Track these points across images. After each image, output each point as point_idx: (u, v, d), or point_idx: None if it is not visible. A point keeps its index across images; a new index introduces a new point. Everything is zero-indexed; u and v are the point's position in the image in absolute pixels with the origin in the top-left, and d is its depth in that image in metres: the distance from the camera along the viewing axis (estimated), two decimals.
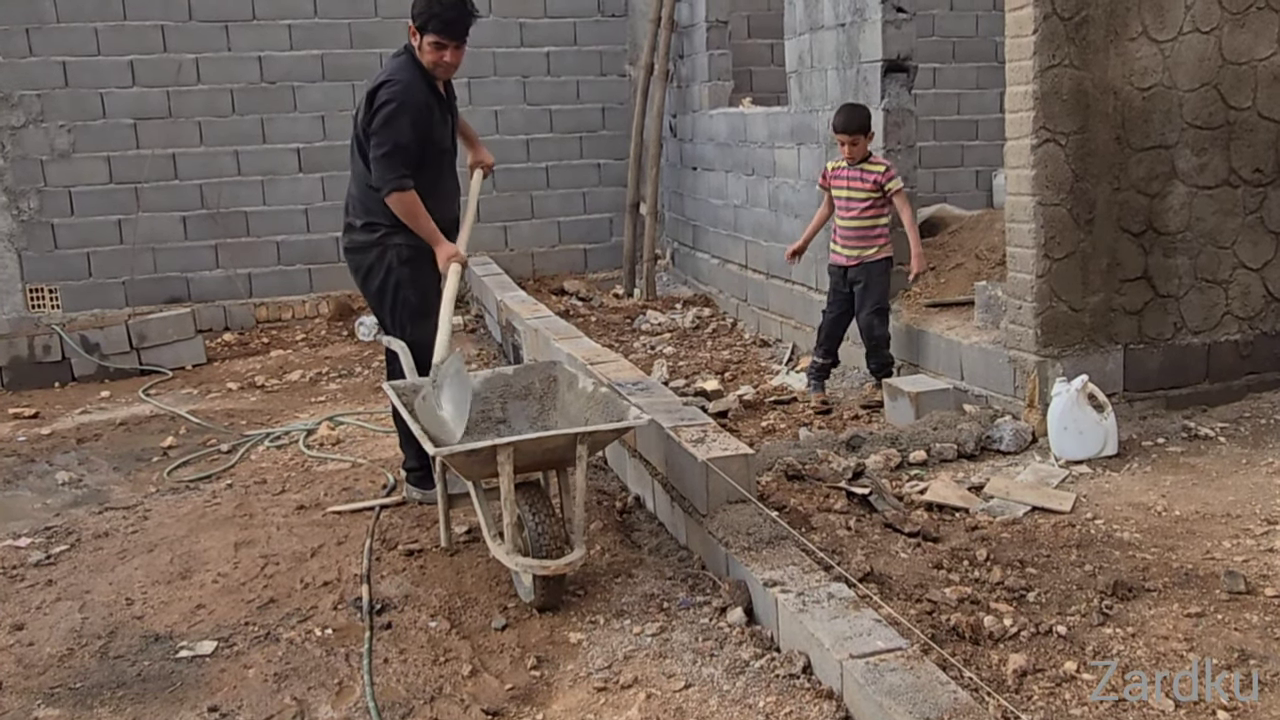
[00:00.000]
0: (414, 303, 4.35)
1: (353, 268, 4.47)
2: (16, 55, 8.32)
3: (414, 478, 4.54)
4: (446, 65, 4.27)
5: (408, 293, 4.35)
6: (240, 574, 3.95)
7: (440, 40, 4.18)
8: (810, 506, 4.06)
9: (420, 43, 4.21)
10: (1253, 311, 5.13)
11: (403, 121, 4.15)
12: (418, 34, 4.21)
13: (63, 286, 8.63)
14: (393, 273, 4.33)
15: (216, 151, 8.82)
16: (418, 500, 4.51)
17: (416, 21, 4.19)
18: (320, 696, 3.15)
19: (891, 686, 2.66)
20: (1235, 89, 4.92)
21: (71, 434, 6.11)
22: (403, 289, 4.35)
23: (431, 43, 4.19)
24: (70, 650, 3.48)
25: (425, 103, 4.25)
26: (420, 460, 4.46)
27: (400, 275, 4.33)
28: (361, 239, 4.38)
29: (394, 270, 4.33)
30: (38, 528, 4.61)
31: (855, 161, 5.79)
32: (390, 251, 4.32)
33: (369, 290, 4.45)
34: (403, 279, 4.33)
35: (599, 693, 3.05)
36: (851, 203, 5.83)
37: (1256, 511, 3.92)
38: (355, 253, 4.43)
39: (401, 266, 4.32)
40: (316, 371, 7.34)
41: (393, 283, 4.35)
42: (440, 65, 4.25)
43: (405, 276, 4.33)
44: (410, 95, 4.19)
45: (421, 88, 4.25)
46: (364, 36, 9.01)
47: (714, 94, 8.59)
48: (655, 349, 7.38)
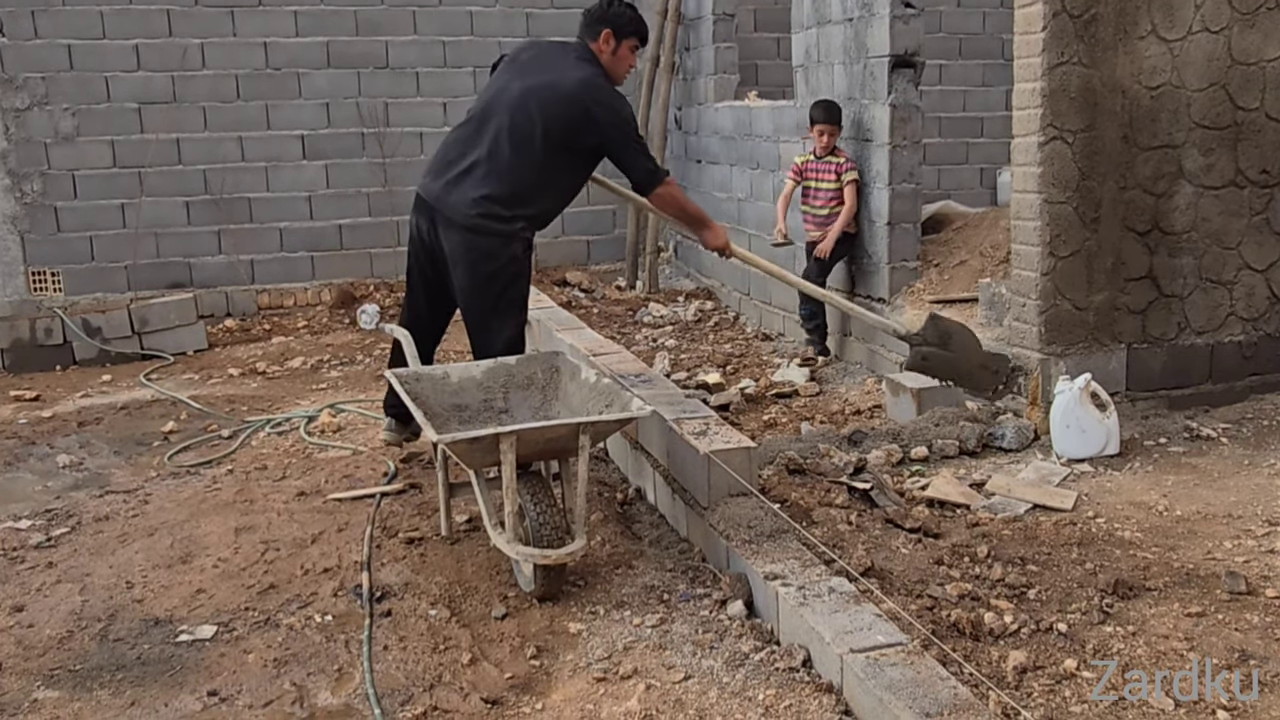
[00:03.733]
0: (519, 299, 4.49)
1: (467, 246, 4.38)
2: (22, 38, 8.30)
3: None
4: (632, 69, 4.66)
5: (523, 287, 4.49)
6: (240, 559, 3.95)
7: (639, 45, 4.57)
8: (811, 501, 4.06)
9: (618, 48, 4.48)
10: (1257, 313, 5.12)
11: (633, 119, 4.46)
12: (614, 40, 4.46)
13: (65, 270, 8.62)
14: (516, 263, 4.40)
15: (220, 137, 8.80)
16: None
17: (627, 29, 4.49)
18: (320, 682, 3.15)
19: (892, 681, 2.67)
20: (1244, 89, 4.91)
21: (72, 417, 6.11)
22: (520, 282, 4.46)
23: (632, 47, 4.53)
24: (70, 632, 3.49)
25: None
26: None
27: (522, 268, 4.44)
28: (499, 226, 4.35)
29: (519, 260, 4.41)
30: (38, 510, 4.61)
31: (825, 152, 6.32)
32: (517, 244, 4.39)
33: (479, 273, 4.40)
34: (522, 273, 4.45)
35: (598, 683, 3.05)
36: (819, 192, 6.45)
37: (1258, 512, 3.92)
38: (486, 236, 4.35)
39: (525, 257, 4.44)
40: (318, 359, 7.34)
41: (510, 274, 4.40)
42: (630, 69, 4.62)
43: (524, 270, 4.46)
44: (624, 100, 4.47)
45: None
46: (370, 24, 8.99)
47: (719, 87, 8.57)
48: (657, 342, 7.38)
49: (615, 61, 4.49)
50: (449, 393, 4.08)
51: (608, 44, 4.47)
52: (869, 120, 6.13)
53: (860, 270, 6.45)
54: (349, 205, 9.08)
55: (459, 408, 4.07)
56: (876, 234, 6.19)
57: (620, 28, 4.48)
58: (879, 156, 6.03)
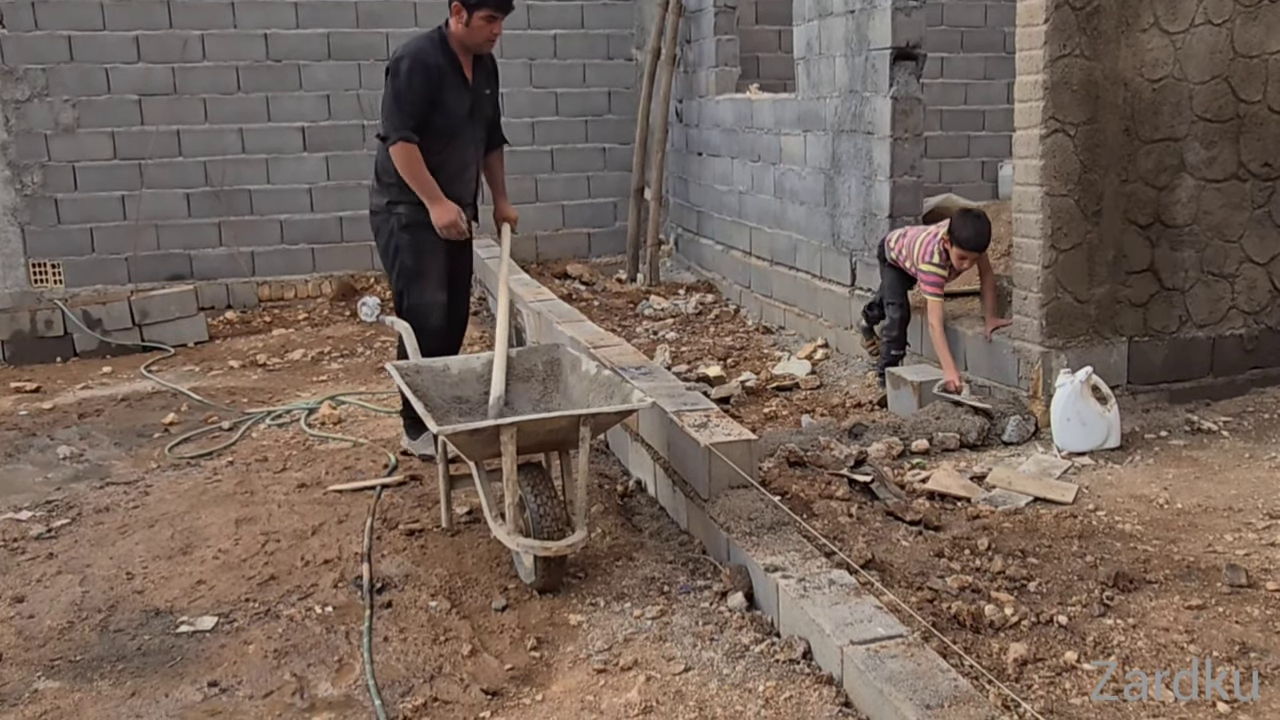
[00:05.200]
0: (409, 266, 4.64)
1: (372, 230, 4.81)
2: (22, 29, 8.29)
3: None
4: (494, 38, 4.59)
5: (405, 256, 4.63)
6: (241, 551, 3.95)
7: (494, 14, 4.49)
8: (812, 493, 4.05)
9: (469, 19, 4.46)
10: (1258, 306, 5.12)
11: (411, 79, 4.44)
12: (464, 11, 4.45)
13: (65, 262, 8.62)
14: (394, 237, 4.63)
15: (221, 129, 8.79)
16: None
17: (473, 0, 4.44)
18: (320, 673, 3.15)
19: (892, 673, 2.66)
20: (1246, 82, 4.90)
21: (73, 409, 6.11)
22: (402, 253, 4.63)
23: (484, 16, 4.47)
24: (70, 623, 3.49)
25: (438, 65, 4.49)
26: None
27: (400, 240, 4.62)
28: (374, 201, 4.72)
29: (395, 235, 4.63)
30: (39, 501, 4.61)
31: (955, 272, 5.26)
32: (393, 218, 4.62)
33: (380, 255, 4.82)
34: (402, 244, 4.62)
35: (598, 674, 3.05)
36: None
37: (1258, 505, 3.92)
38: (371, 215, 4.77)
39: (402, 232, 4.61)
40: (318, 351, 7.34)
41: (394, 246, 4.65)
42: (490, 39, 4.57)
43: (405, 242, 4.62)
44: (421, 56, 4.47)
45: (437, 55, 4.50)
46: (370, 16, 8.98)
47: (721, 80, 8.55)
48: (658, 334, 7.37)
49: (472, 32, 4.50)
50: (449, 385, 4.08)
51: (458, 15, 4.49)
52: (870, 113, 6.12)
53: (863, 264, 6.44)
54: (349, 197, 9.07)
55: (459, 400, 4.07)
56: (878, 227, 6.18)
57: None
58: (880, 149, 6.02)
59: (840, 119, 6.41)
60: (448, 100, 4.51)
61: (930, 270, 5.15)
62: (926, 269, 5.16)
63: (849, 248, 6.46)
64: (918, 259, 5.23)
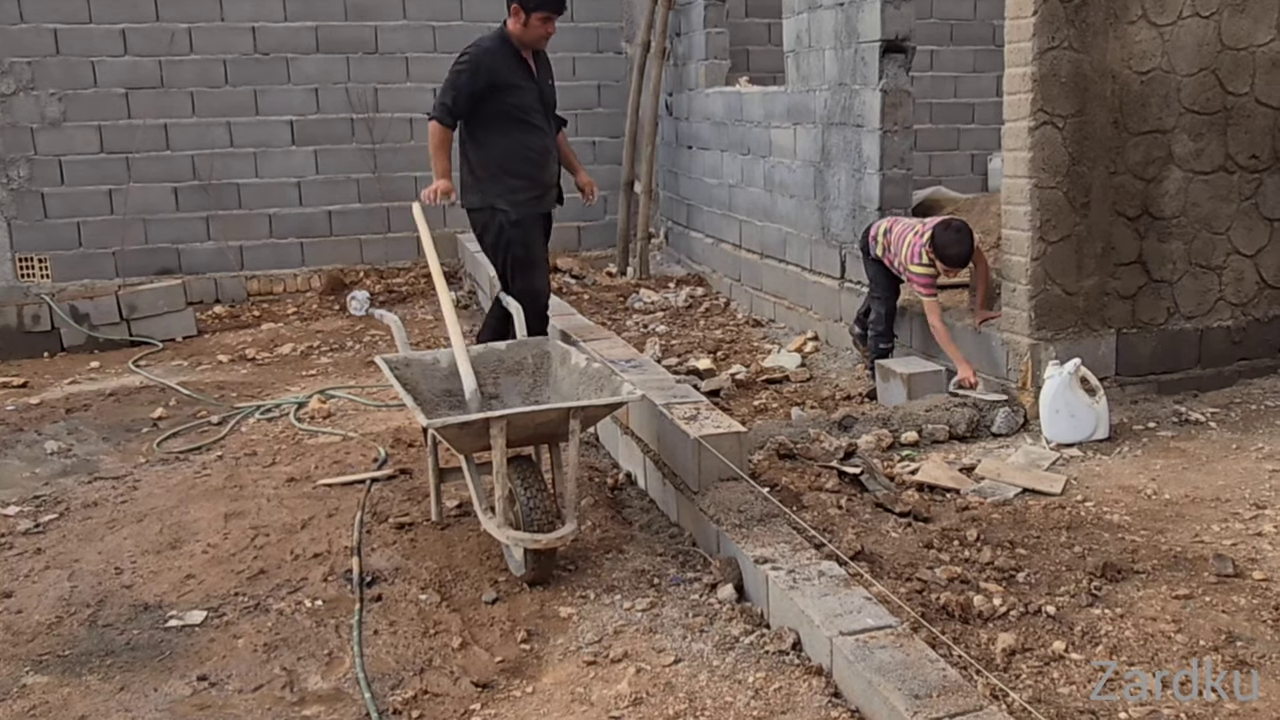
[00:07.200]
0: (521, 256, 5.19)
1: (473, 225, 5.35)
2: (7, 22, 8.23)
3: None
4: (548, 35, 5.13)
5: (516, 249, 5.16)
6: (230, 545, 3.94)
7: (549, 15, 5.03)
8: (802, 485, 4.06)
9: (527, 20, 5.00)
10: (1245, 298, 5.14)
11: (462, 74, 5.03)
12: (523, 13, 4.98)
13: (52, 256, 8.57)
14: (504, 233, 5.15)
15: (209, 122, 8.74)
16: None
17: (530, 3, 4.95)
18: (310, 667, 3.15)
19: (881, 664, 2.67)
20: (1233, 74, 4.92)
21: (60, 404, 6.08)
22: (513, 246, 5.16)
23: (541, 18, 5.01)
24: (59, 618, 3.48)
25: (499, 62, 5.04)
26: None
27: (511, 235, 5.14)
28: (470, 200, 5.23)
29: (505, 230, 5.14)
30: (26, 496, 4.59)
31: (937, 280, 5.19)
32: (499, 215, 5.14)
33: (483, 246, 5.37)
34: (514, 239, 5.15)
35: (589, 666, 3.06)
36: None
37: (1245, 496, 3.94)
38: (470, 212, 5.29)
39: (511, 228, 5.13)
40: (308, 345, 7.32)
41: (505, 241, 5.17)
42: (546, 36, 5.12)
43: (515, 236, 5.14)
44: (481, 55, 5.06)
45: (499, 52, 5.07)
46: (358, 9, 8.93)
47: (710, 73, 8.54)
48: (648, 327, 7.37)
49: (527, 30, 5.04)
50: (439, 378, 4.07)
51: (517, 16, 5.03)
52: (860, 106, 6.12)
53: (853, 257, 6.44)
54: (339, 191, 9.05)
55: (449, 393, 4.06)
56: (867, 220, 6.18)
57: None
58: (870, 142, 6.02)
59: (830, 112, 6.42)
60: (513, 93, 5.06)
61: (921, 272, 5.14)
62: (918, 270, 5.15)
63: (839, 240, 6.47)
64: (906, 260, 5.23)
